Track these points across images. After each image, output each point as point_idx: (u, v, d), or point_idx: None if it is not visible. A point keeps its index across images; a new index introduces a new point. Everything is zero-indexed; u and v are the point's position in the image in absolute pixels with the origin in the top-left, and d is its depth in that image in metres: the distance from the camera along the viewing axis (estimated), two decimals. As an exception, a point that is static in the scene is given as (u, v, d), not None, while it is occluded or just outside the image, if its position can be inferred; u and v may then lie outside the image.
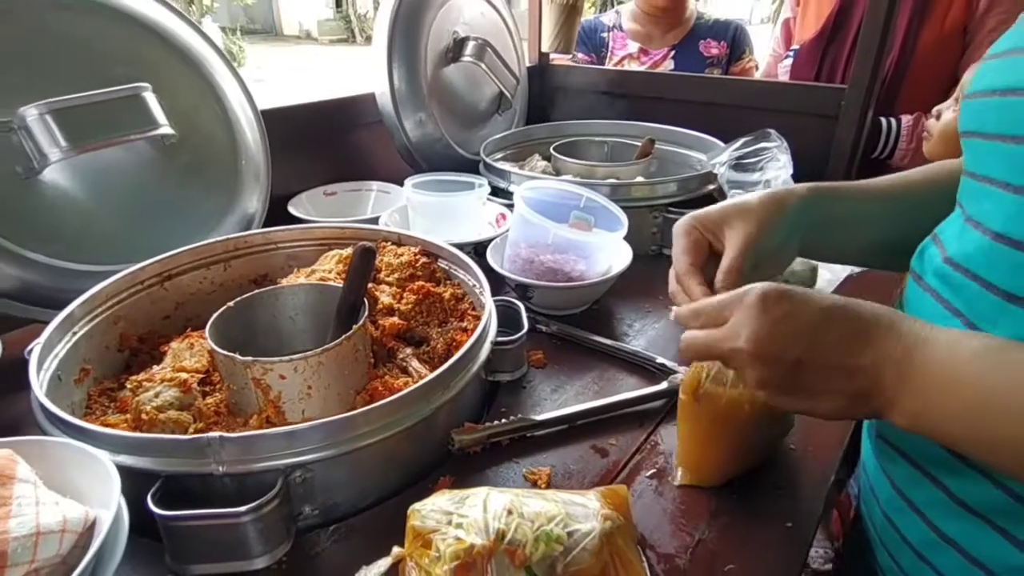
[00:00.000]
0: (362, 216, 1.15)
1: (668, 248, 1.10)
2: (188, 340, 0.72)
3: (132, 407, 0.62)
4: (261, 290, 0.72)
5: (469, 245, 0.97)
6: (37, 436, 0.50)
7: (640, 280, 0.94)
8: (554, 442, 0.66)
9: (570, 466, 0.63)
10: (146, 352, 0.75)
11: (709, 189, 1.14)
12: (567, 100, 1.66)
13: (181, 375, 0.65)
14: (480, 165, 1.25)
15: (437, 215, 1.04)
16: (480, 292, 0.77)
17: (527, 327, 0.76)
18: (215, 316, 0.65)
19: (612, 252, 0.94)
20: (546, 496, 0.49)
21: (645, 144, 1.31)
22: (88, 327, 0.69)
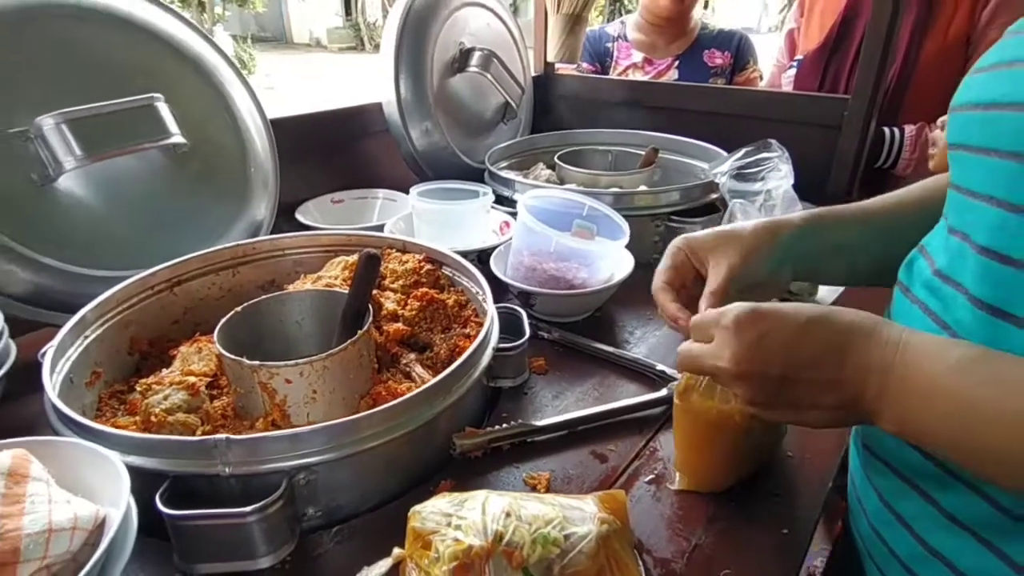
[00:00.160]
0: (368, 223, 1.17)
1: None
2: (196, 344, 0.74)
3: (141, 409, 0.63)
4: (268, 296, 0.74)
5: (473, 252, 0.99)
6: (50, 436, 0.52)
7: (642, 288, 0.93)
8: (554, 447, 0.67)
9: (570, 471, 0.64)
10: (155, 356, 0.76)
11: (711, 198, 1.15)
12: (572, 109, 1.67)
13: (189, 378, 0.66)
14: (485, 174, 1.27)
15: (442, 223, 1.06)
16: (483, 299, 0.78)
17: (529, 334, 0.77)
18: (223, 321, 0.66)
19: (614, 260, 0.95)
20: (544, 500, 0.50)
21: (649, 153, 1.32)
22: (100, 331, 0.71)
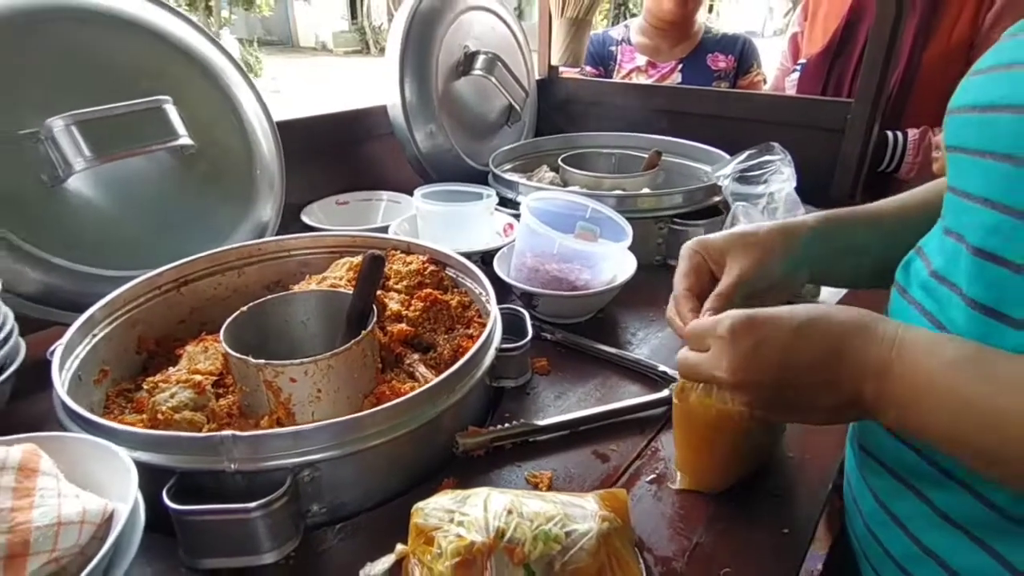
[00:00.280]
0: (372, 225, 1.17)
1: (673, 259, 1.13)
2: (203, 343, 0.75)
3: (148, 407, 0.64)
4: (274, 296, 0.74)
5: (476, 254, 0.99)
6: (59, 432, 0.53)
7: (645, 290, 0.95)
8: (556, 447, 0.68)
9: (571, 470, 0.64)
10: (162, 355, 0.77)
11: (714, 201, 1.16)
12: (575, 112, 1.68)
13: (196, 377, 0.67)
14: (489, 176, 1.27)
15: (446, 224, 1.06)
16: (486, 300, 0.79)
17: (532, 334, 0.78)
18: (229, 320, 0.67)
19: (617, 262, 0.96)
20: (545, 497, 0.51)
21: (652, 156, 1.33)
22: (107, 330, 0.71)
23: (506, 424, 0.68)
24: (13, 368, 0.65)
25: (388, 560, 0.49)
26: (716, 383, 0.48)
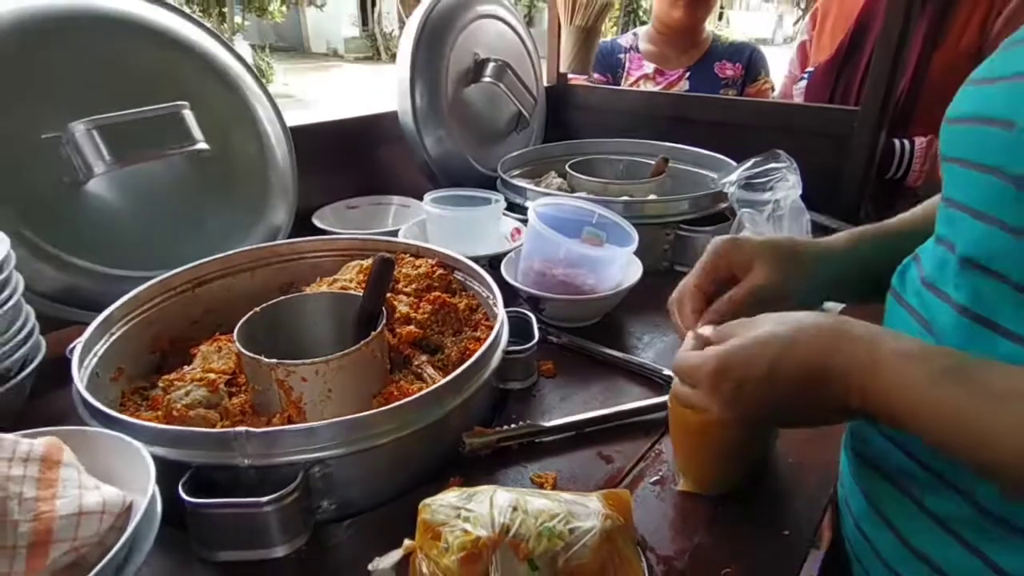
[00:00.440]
0: (382, 229, 1.19)
1: (679, 264, 1.14)
2: (216, 343, 0.76)
3: (163, 404, 0.66)
4: (286, 297, 0.76)
5: (484, 258, 1.00)
6: (80, 427, 0.54)
7: (651, 295, 0.95)
8: (561, 448, 0.69)
9: (576, 471, 0.65)
10: (176, 354, 0.79)
11: (721, 208, 1.17)
12: (583, 119, 1.70)
13: (210, 375, 0.69)
14: (497, 181, 1.29)
15: (454, 229, 1.08)
16: (493, 303, 0.80)
17: (538, 338, 0.79)
18: (243, 320, 0.69)
19: (623, 267, 0.97)
20: (550, 496, 0.52)
21: (659, 163, 1.34)
22: (124, 329, 0.73)
23: (512, 425, 0.69)
24: (34, 364, 0.67)
25: (396, 554, 0.50)
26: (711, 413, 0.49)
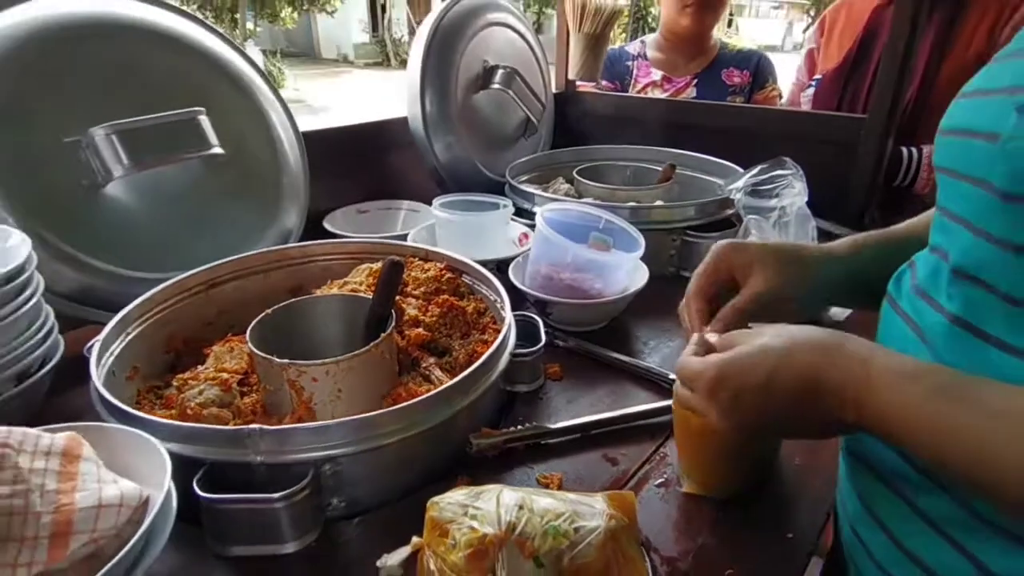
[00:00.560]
0: (392, 232, 1.20)
1: (686, 270, 1.14)
2: (229, 344, 0.78)
3: (177, 402, 0.67)
4: (297, 299, 0.77)
5: (492, 262, 1.02)
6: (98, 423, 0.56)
7: (657, 300, 0.97)
8: (567, 450, 0.69)
9: (581, 472, 0.66)
10: (190, 354, 0.80)
11: (727, 214, 1.17)
12: (591, 126, 1.71)
13: (222, 375, 0.70)
14: (506, 187, 1.30)
15: (463, 233, 1.09)
16: (501, 307, 0.81)
17: (545, 341, 0.80)
18: (255, 322, 0.70)
19: (629, 272, 0.98)
20: (555, 495, 0.53)
21: (666, 169, 1.35)
22: (140, 328, 0.75)
23: (519, 426, 0.70)
24: (53, 363, 0.69)
25: (404, 551, 0.51)
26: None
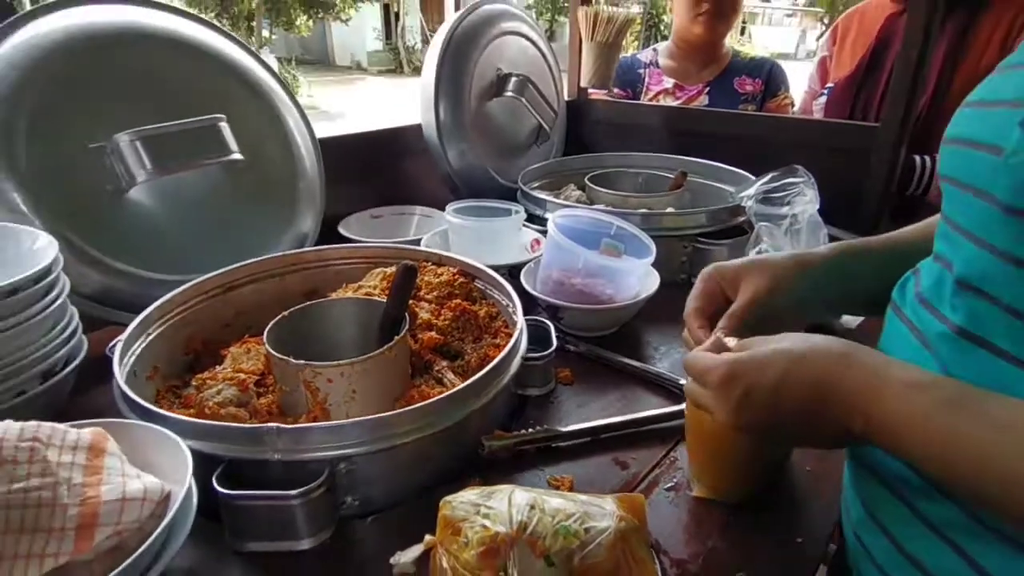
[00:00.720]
0: (406, 238, 1.22)
1: (696, 276, 1.14)
2: (246, 345, 0.79)
3: (196, 402, 0.69)
4: (313, 302, 0.79)
5: (504, 267, 1.03)
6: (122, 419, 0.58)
7: (668, 306, 0.96)
8: (578, 453, 0.70)
9: (592, 475, 0.67)
10: (208, 355, 0.82)
11: (738, 221, 1.18)
12: (603, 133, 1.72)
13: (240, 375, 0.72)
14: (518, 193, 1.31)
15: (475, 238, 1.10)
16: (513, 311, 0.82)
17: (556, 346, 0.81)
18: (272, 323, 0.72)
19: (640, 278, 0.98)
20: (566, 496, 0.53)
21: (677, 177, 1.35)
22: (161, 329, 0.77)
23: (530, 429, 0.70)
24: (77, 362, 0.71)
25: (417, 549, 0.52)
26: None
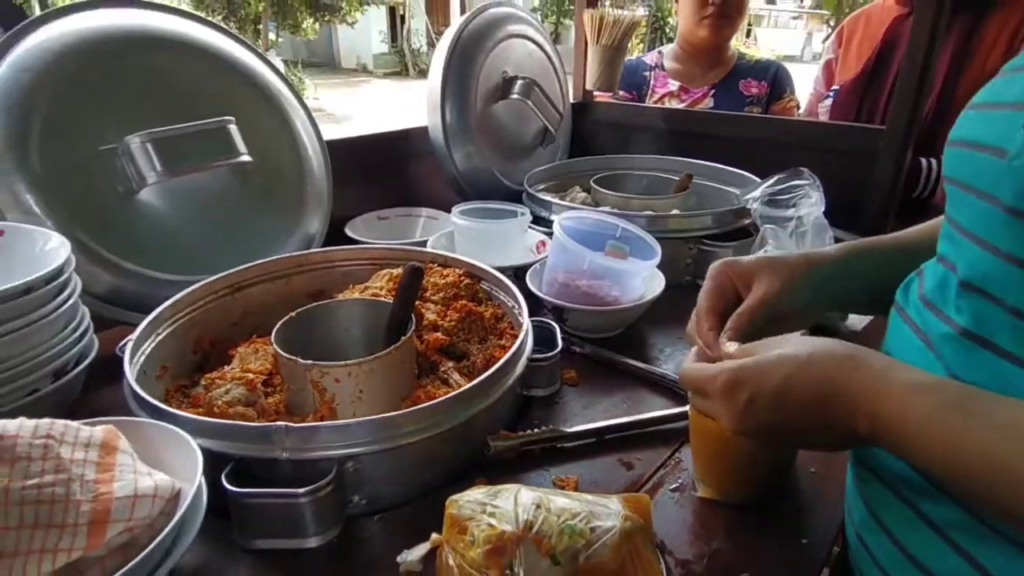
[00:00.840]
0: (412, 239, 1.23)
1: (701, 279, 1.14)
2: (254, 345, 0.80)
3: (205, 401, 0.69)
4: (320, 303, 0.79)
5: (510, 269, 1.03)
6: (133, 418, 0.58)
7: (673, 308, 0.97)
8: (583, 453, 0.70)
9: (597, 476, 0.67)
10: (216, 355, 0.83)
11: (744, 223, 1.18)
12: (608, 135, 1.72)
13: (248, 375, 0.73)
14: (523, 195, 1.32)
15: (481, 240, 1.11)
16: (518, 313, 0.82)
17: (561, 347, 0.81)
18: (280, 324, 0.72)
19: (646, 280, 0.99)
20: (571, 496, 0.54)
21: (683, 179, 1.35)
22: (170, 329, 0.77)
23: (535, 430, 0.71)
24: (88, 361, 0.72)
25: (423, 547, 0.52)
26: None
